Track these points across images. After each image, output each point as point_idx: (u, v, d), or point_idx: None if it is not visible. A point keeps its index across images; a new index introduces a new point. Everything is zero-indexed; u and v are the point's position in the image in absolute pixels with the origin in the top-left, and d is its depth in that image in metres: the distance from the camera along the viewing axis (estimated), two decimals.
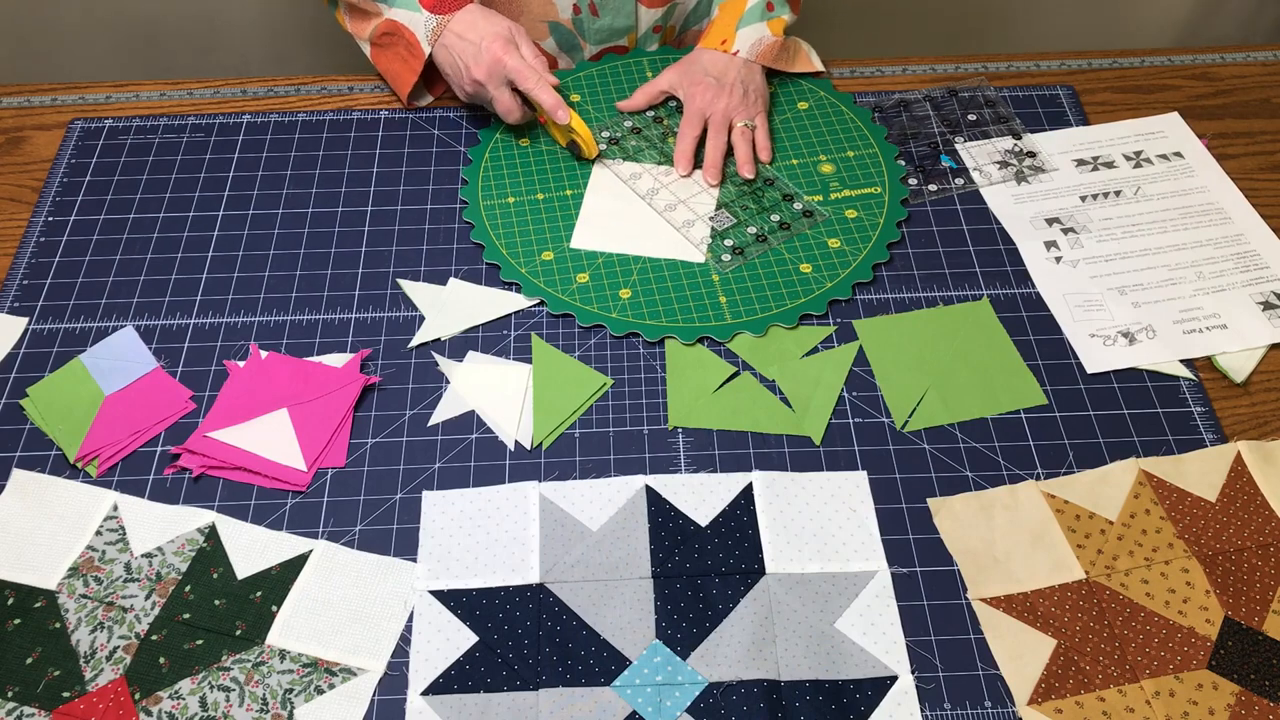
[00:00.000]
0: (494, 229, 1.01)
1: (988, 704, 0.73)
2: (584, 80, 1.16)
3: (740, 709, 0.72)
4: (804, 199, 1.03)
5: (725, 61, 1.08)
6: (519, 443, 0.87)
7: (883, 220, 1.02)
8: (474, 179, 1.06)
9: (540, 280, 0.97)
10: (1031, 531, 0.81)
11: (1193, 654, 0.75)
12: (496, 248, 0.99)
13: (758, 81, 1.09)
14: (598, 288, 0.96)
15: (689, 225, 1.01)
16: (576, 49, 1.18)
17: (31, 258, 1.00)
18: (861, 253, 0.99)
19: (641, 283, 0.97)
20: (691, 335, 0.93)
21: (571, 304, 0.95)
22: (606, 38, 1.18)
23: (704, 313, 0.94)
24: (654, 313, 0.94)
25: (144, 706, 0.73)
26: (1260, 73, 1.19)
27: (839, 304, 0.96)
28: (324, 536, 0.81)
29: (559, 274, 0.97)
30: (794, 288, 0.96)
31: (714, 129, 1.06)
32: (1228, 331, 0.93)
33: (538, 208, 1.03)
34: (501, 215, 1.03)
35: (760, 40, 1.09)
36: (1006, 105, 1.14)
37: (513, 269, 0.98)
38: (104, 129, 1.11)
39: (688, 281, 0.97)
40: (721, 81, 1.07)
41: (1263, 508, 0.82)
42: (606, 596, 0.78)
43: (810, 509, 0.82)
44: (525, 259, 0.99)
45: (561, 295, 0.96)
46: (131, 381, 0.90)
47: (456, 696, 0.73)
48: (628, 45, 1.19)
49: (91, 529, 0.81)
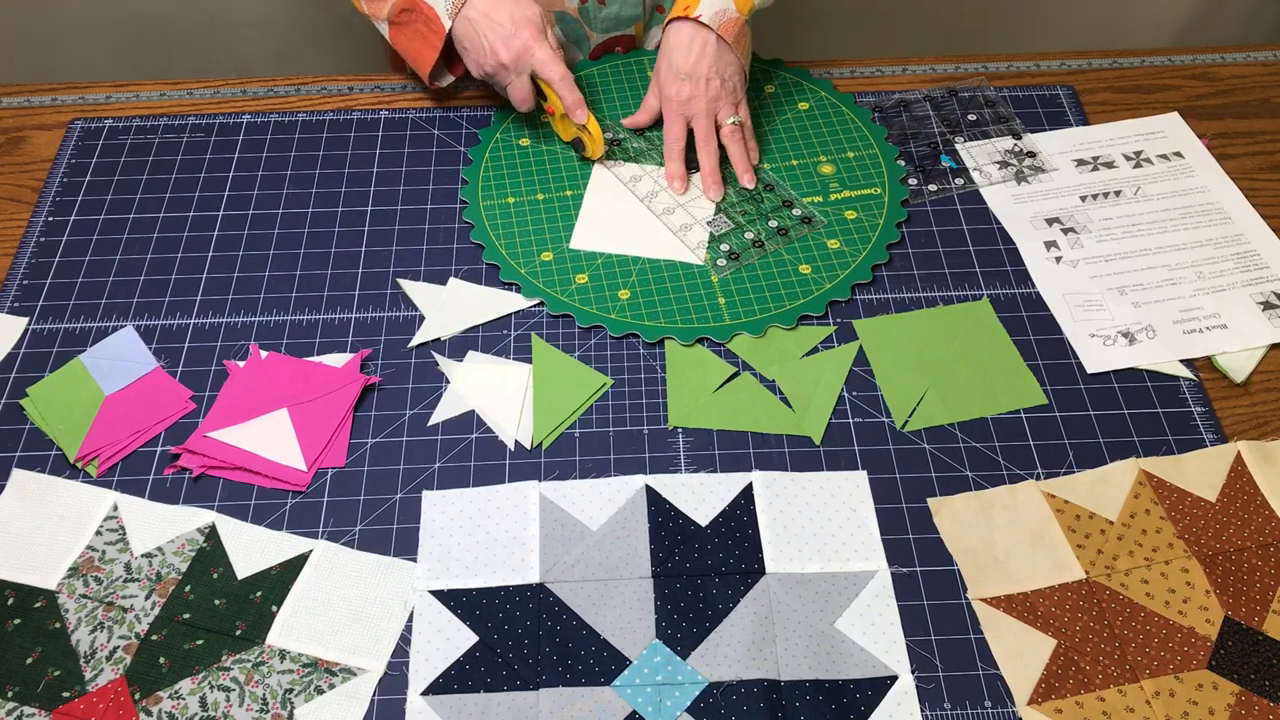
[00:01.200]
0: (494, 229, 1.01)
1: (988, 704, 0.73)
2: (584, 80, 1.16)
3: (740, 709, 0.72)
4: (803, 205, 1.03)
5: (696, 45, 1.02)
6: (519, 443, 0.87)
7: (882, 220, 1.02)
8: (474, 179, 1.06)
9: (539, 280, 0.97)
10: (1031, 531, 0.81)
11: (1193, 654, 0.75)
12: (496, 248, 0.99)
13: (731, 66, 1.03)
14: (597, 288, 0.96)
15: (686, 229, 1.01)
16: (583, 39, 1.18)
17: (31, 258, 1.00)
18: (861, 254, 0.99)
19: (640, 284, 0.97)
20: (690, 336, 0.93)
21: (571, 304, 0.95)
22: (613, 26, 1.17)
23: (703, 314, 0.94)
24: (653, 313, 0.94)
25: (144, 706, 0.73)
26: (1260, 73, 1.19)
27: (839, 304, 0.96)
28: (324, 536, 0.81)
29: (558, 274, 0.97)
30: (793, 289, 0.96)
31: (701, 137, 1.03)
32: (1228, 331, 0.93)
33: (537, 208, 1.03)
34: (501, 215, 1.03)
35: (725, 11, 1.02)
36: (1006, 105, 1.14)
37: (512, 269, 0.98)
38: (104, 129, 1.11)
39: (687, 283, 0.97)
40: (693, 76, 1.02)
41: (1263, 508, 0.82)
42: (606, 596, 0.78)
43: (810, 509, 0.82)
44: (525, 259, 0.99)
45: (560, 296, 0.96)
46: (131, 381, 0.90)
47: (456, 696, 0.73)
48: (634, 34, 1.19)
49: (91, 529, 0.81)
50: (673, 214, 1.03)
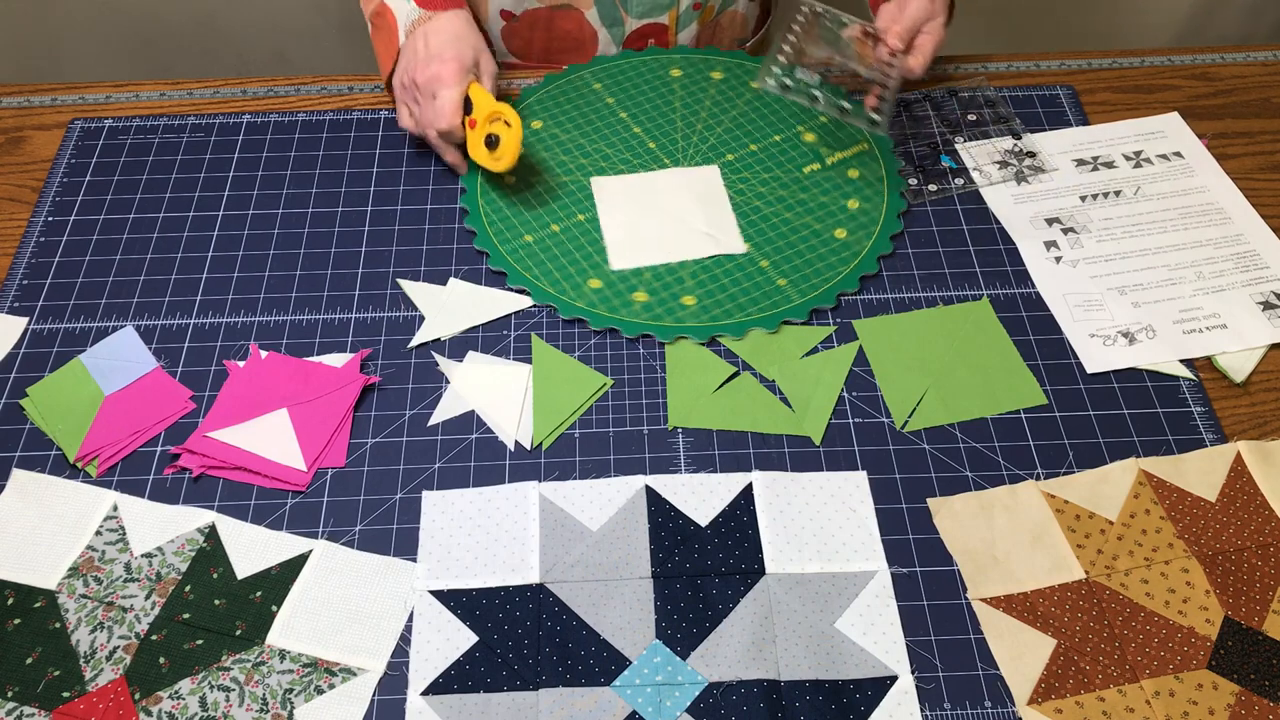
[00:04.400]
0: (525, 267, 0.98)
1: (988, 704, 0.73)
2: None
3: (740, 709, 0.72)
4: (886, 111, 1.01)
5: None
6: (519, 443, 0.87)
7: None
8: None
9: (602, 309, 0.94)
10: (1031, 531, 0.81)
11: (1193, 654, 0.75)
12: (540, 288, 0.96)
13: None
14: (660, 302, 0.95)
15: (715, 222, 1.00)
16: (618, 22, 1.18)
17: (31, 258, 1.00)
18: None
19: (697, 285, 0.96)
20: (773, 324, 0.93)
21: (637, 323, 0.93)
22: (648, 12, 1.17)
23: (763, 300, 0.95)
24: (725, 311, 0.94)
25: (144, 706, 0.73)
26: (1260, 73, 1.19)
27: (838, 304, 0.96)
28: (324, 536, 0.81)
29: (617, 298, 0.95)
30: (831, 259, 0.99)
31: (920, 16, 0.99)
32: (1228, 331, 0.93)
33: (559, 240, 1.01)
34: (528, 255, 0.99)
35: None
36: (1006, 105, 1.14)
37: (569, 307, 0.95)
38: (104, 129, 1.11)
39: (741, 274, 0.97)
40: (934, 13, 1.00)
41: (1263, 508, 0.82)
42: (606, 596, 0.78)
43: (810, 509, 0.82)
44: (575, 292, 0.96)
45: (627, 318, 0.94)
46: (131, 381, 0.90)
47: (456, 696, 0.73)
48: (667, 24, 1.19)
49: (91, 529, 0.81)
50: (692, 213, 1.02)
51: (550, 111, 1.13)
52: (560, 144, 1.09)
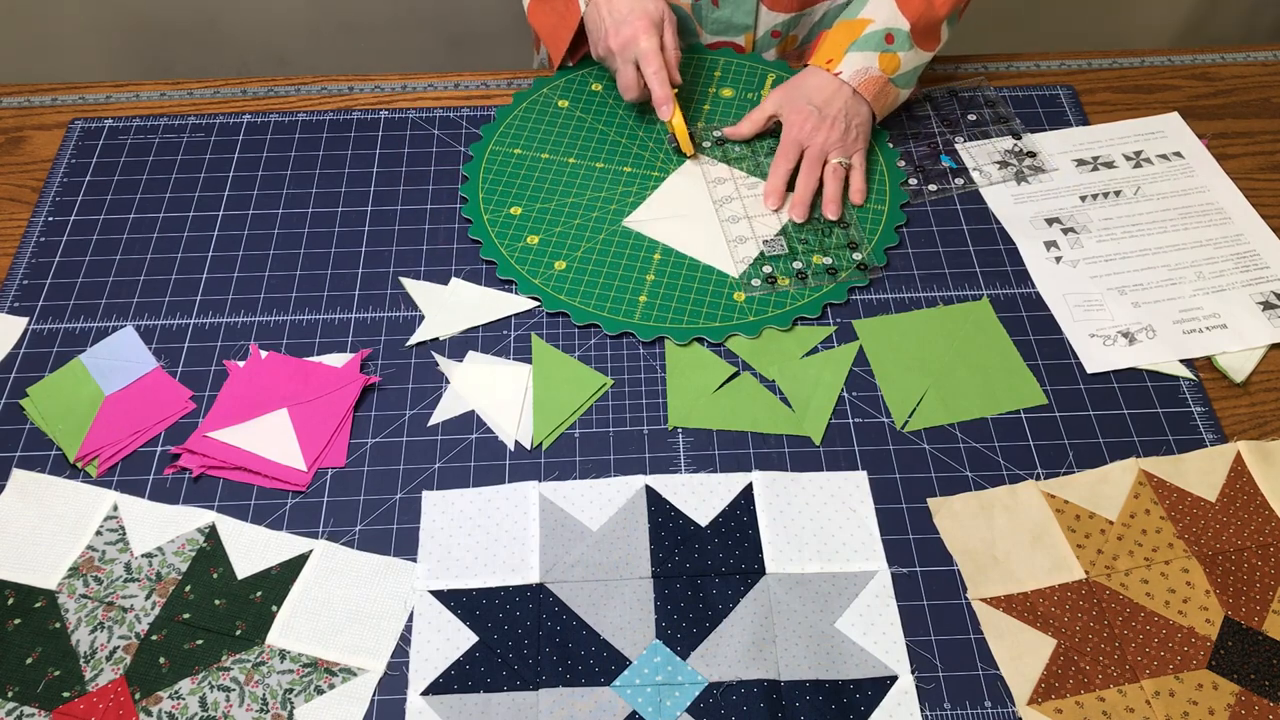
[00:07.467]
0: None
1: (988, 704, 0.73)
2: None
3: (740, 709, 0.72)
4: (866, 250, 0.99)
5: (832, 90, 1.03)
6: (519, 443, 0.87)
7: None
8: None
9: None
10: (1031, 531, 0.81)
11: (1193, 654, 0.75)
12: (554, 299, 0.96)
13: (862, 116, 1.04)
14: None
15: (741, 241, 1.00)
16: (692, 34, 1.18)
17: (31, 258, 1.00)
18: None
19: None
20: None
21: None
22: (723, 30, 1.17)
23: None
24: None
25: (144, 706, 0.73)
26: (1260, 73, 1.19)
27: (838, 304, 0.96)
28: (324, 536, 0.81)
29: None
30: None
31: (807, 164, 1.02)
32: (1228, 331, 0.93)
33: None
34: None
35: (867, 70, 1.03)
36: (1006, 105, 1.14)
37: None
38: (104, 129, 1.11)
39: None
40: (824, 113, 1.02)
41: (1263, 508, 0.82)
42: (606, 596, 0.78)
43: (810, 509, 0.82)
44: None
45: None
46: (131, 381, 0.90)
47: (456, 696, 0.73)
48: (745, 45, 1.18)
49: (91, 529, 0.81)
50: (736, 224, 1.01)
51: (698, 74, 1.16)
52: (697, 116, 1.12)
